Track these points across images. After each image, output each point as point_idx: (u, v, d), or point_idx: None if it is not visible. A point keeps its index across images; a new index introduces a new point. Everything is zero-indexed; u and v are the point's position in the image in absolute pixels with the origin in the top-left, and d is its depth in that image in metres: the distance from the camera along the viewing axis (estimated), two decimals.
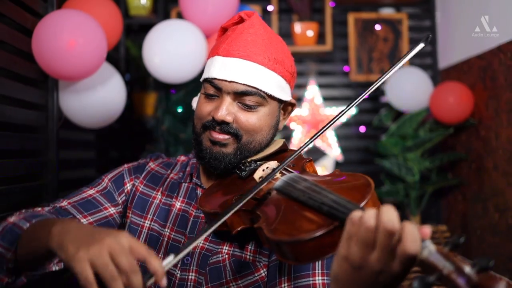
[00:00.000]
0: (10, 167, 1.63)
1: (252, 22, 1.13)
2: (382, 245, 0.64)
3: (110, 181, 1.26)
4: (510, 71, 2.30)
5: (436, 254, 0.61)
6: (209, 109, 1.12)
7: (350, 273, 0.68)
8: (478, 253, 2.59)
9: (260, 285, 1.06)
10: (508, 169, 2.31)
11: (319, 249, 0.75)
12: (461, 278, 0.58)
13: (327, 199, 0.80)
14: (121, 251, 0.76)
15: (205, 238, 1.12)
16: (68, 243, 0.81)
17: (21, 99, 1.70)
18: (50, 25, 1.65)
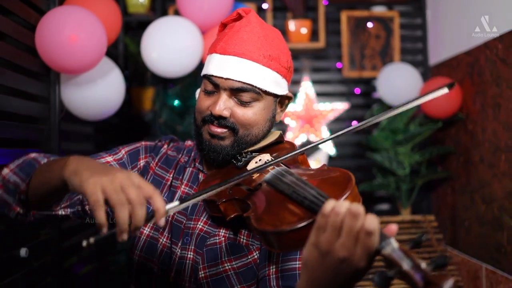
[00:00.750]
0: (14, 157, 1.71)
1: (248, 20, 1.17)
2: (347, 229, 0.70)
3: (126, 153, 1.31)
4: (496, 67, 2.38)
5: (398, 251, 0.67)
6: (208, 104, 1.17)
7: (317, 259, 0.74)
8: (466, 243, 2.68)
9: (253, 266, 1.14)
10: (494, 161, 2.40)
11: (300, 239, 0.81)
12: (418, 274, 0.64)
13: (309, 193, 0.86)
14: (131, 184, 0.83)
15: (205, 221, 1.19)
16: (83, 170, 0.87)
17: (25, 91, 1.78)
18: (52, 20, 1.72)
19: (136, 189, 0.83)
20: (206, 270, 1.14)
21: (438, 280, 0.62)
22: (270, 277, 1.09)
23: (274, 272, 1.09)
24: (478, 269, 2.50)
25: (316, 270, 0.75)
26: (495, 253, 2.37)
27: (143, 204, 0.82)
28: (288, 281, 1.07)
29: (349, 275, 0.73)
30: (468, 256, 2.63)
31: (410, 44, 3.35)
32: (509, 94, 2.26)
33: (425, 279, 0.63)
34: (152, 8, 3.06)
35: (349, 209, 0.71)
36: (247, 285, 1.13)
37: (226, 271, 1.13)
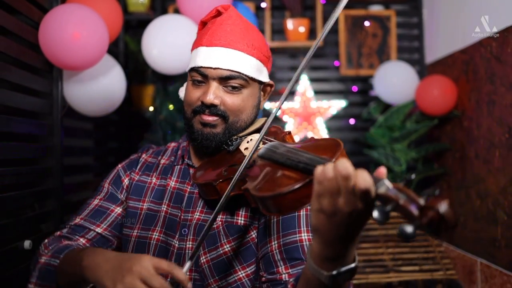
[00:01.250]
0: (18, 150, 1.75)
1: (229, 14, 1.24)
2: (344, 189, 0.75)
3: (109, 184, 1.37)
4: (490, 64, 2.43)
5: (393, 189, 0.72)
6: (198, 95, 1.23)
7: (326, 222, 0.79)
8: (461, 239, 2.72)
9: (252, 245, 1.19)
10: (488, 157, 2.45)
11: (298, 200, 0.87)
12: (413, 205, 0.69)
13: (303, 157, 0.92)
14: (150, 274, 0.91)
15: (200, 211, 1.24)
16: (104, 279, 0.96)
17: (28, 87, 1.82)
18: (56, 18, 1.77)
19: (155, 276, 0.91)
20: (207, 254, 1.19)
21: (433, 204, 0.67)
22: (274, 252, 1.14)
23: (277, 247, 1.14)
24: (473, 264, 2.55)
25: (327, 232, 0.80)
26: (490, 247, 2.41)
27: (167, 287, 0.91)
28: (292, 253, 1.12)
29: (357, 224, 0.78)
30: (464, 251, 2.67)
31: (406, 42, 3.40)
32: (503, 91, 2.31)
33: (419, 207, 0.68)
34: (152, 7, 3.10)
35: (339, 172, 0.75)
36: (247, 265, 1.18)
37: (226, 253, 1.18)
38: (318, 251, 0.84)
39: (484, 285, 2.44)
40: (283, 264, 1.12)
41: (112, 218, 1.31)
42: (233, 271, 1.18)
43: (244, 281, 1.18)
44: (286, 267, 1.12)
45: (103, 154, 2.85)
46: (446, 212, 0.65)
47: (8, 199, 1.67)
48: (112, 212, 1.32)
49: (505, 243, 2.28)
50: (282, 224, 1.16)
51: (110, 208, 1.32)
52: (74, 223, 1.30)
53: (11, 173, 1.71)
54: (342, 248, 0.81)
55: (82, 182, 2.53)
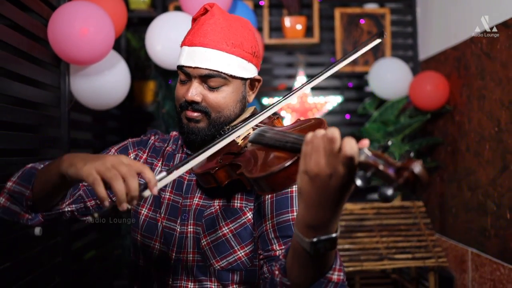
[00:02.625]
0: (26, 140, 1.83)
1: (212, 13, 1.28)
2: (328, 150, 0.81)
3: (116, 151, 1.44)
4: (480, 61, 2.52)
5: (372, 156, 0.77)
6: (183, 92, 1.30)
7: (309, 183, 0.84)
8: (453, 229, 2.82)
9: (248, 226, 1.27)
10: (479, 150, 2.54)
11: (288, 177, 0.94)
12: (390, 168, 0.74)
13: (290, 138, 0.99)
14: (121, 163, 0.95)
15: (199, 197, 1.32)
16: (77, 161, 1.00)
17: (38, 80, 1.90)
18: (64, 14, 1.84)
19: (126, 165, 0.95)
20: (207, 237, 1.27)
21: (407, 165, 0.72)
22: (268, 231, 1.21)
23: (271, 226, 1.21)
24: (465, 253, 2.64)
25: (310, 193, 0.85)
26: (480, 237, 2.51)
27: (134, 176, 0.93)
28: (285, 231, 1.19)
29: (339, 188, 0.82)
30: (455, 242, 2.77)
31: (401, 40, 3.49)
32: (492, 86, 2.40)
33: (396, 169, 0.73)
34: (153, 4, 3.17)
35: (326, 134, 0.82)
36: (245, 244, 1.26)
37: (224, 234, 1.26)
38: (301, 216, 0.89)
39: (474, 273, 2.53)
40: (276, 242, 1.19)
41: None
42: (232, 251, 1.26)
43: (244, 259, 1.26)
44: (279, 244, 1.19)
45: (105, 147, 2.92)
46: (419, 171, 0.70)
47: None
48: None
49: (494, 232, 2.37)
50: (275, 205, 1.23)
51: None
52: None
53: (22, 162, 1.78)
54: (323, 215, 0.86)
55: None
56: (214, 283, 1.28)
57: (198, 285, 1.28)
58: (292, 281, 0.99)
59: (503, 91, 2.30)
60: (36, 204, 1.23)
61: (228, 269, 1.26)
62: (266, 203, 1.25)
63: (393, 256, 2.52)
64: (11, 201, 1.24)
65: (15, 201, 1.24)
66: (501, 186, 2.31)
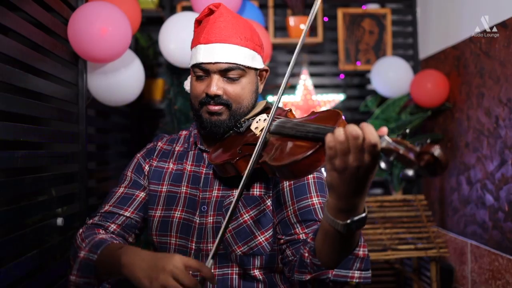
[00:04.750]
0: (48, 134, 1.91)
1: (221, 12, 1.35)
2: (353, 147, 0.88)
3: (132, 173, 1.50)
4: (479, 59, 2.61)
5: (392, 142, 0.85)
6: (202, 88, 1.34)
7: (338, 178, 0.93)
8: (453, 223, 2.91)
9: (268, 212, 1.34)
10: (477, 146, 2.63)
11: (311, 164, 1.02)
12: (410, 153, 0.82)
13: (311, 128, 1.06)
14: (181, 272, 1.03)
15: (218, 188, 1.38)
16: (141, 278, 1.08)
17: (58, 77, 1.97)
18: (85, 14, 1.92)
19: (186, 274, 1.04)
20: (229, 225, 1.33)
21: (427, 149, 0.79)
22: (290, 216, 1.30)
23: (293, 212, 1.30)
24: (464, 246, 2.73)
25: (340, 186, 0.94)
26: (479, 229, 2.60)
27: (197, 284, 1.04)
28: (307, 215, 1.28)
29: (366, 176, 0.91)
30: (455, 234, 2.86)
31: (401, 39, 3.59)
32: (491, 84, 2.49)
33: (415, 154, 0.80)
34: (161, 4, 3.25)
35: (350, 134, 0.88)
36: (265, 230, 1.33)
37: (245, 221, 1.33)
38: (333, 205, 0.98)
39: (474, 264, 2.62)
40: (299, 226, 1.28)
41: (137, 203, 1.45)
42: (253, 237, 1.32)
43: (264, 244, 1.32)
44: (302, 227, 1.28)
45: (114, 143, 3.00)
46: (439, 154, 0.77)
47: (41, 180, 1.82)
48: (137, 197, 1.45)
49: (492, 224, 2.46)
50: (295, 192, 1.32)
51: (135, 193, 1.45)
52: (104, 211, 1.42)
53: (44, 155, 1.86)
54: (354, 200, 0.96)
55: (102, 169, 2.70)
56: (235, 268, 1.34)
57: (219, 271, 1.34)
58: (322, 260, 1.09)
59: (502, 89, 2.39)
60: None
61: (249, 254, 1.32)
62: (285, 190, 1.33)
63: (396, 247, 2.61)
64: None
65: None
66: (499, 180, 2.40)
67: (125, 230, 1.43)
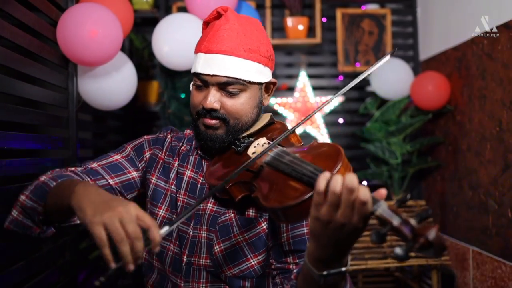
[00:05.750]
0: (35, 141, 1.84)
1: (227, 18, 1.26)
2: (345, 201, 0.82)
3: (132, 149, 1.42)
4: (481, 61, 2.55)
5: (388, 210, 0.79)
6: (200, 99, 1.27)
7: (321, 229, 0.87)
8: (454, 228, 2.85)
9: (263, 235, 1.27)
10: (480, 150, 2.57)
11: (304, 210, 0.93)
12: (406, 227, 0.75)
13: (306, 170, 0.97)
14: (130, 219, 0.91)
15: (213, 203, 1.31)
16: (87, 206, 0.96)
17: (47, 81, 1.91)
18: (74, 16, 1.85)
19: (134, 223, 0.91)
20: (221, 244, 1.27)
21: (423, 231, 0.73)
22: (283, 243, 1.24)
23: (286, 239, 1.24)
24: (466, 252, 2.67)
25: (321, 237, 0.88)
26: (481, 235, 2.54)
27: (140, 238, 0.90)
28: (300, 245, 1.23)
29: (350, 236, 0.86)
30: (456, 240, 2.80)
31: (401, 40, 3.52)
32: (493, 86, 2.43)
33: (412, 231, 0.75)
34: (156, 5, 3.19)
35: (345, 185, 0.82)
36: (258, 253, 1.27)
37: (239, 243, 1.27)
38: (312, 252, 0.93)
39: (475, 271, 2.56)
40: (291, 255, 1.23)
41: (126, 178, 1.36)
42: (245, 259, 1.26)
43: (256, 267, 1.27)
44: (293, 257, 1.23)
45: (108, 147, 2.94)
46: (434, 238, 0.72)
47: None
48: (128, 173, 1.37)
49: (495, 231, 2.40)
50: None
51: (128, 169, 1.37)
52: (90, 166, 1.34)
53: (31, 162, 1.79)
54: (334, 253, 0.89)
55: None
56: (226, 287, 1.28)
57: (210, 286, 1.28)
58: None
59: (505, 91, 2.33)
60: (48, 218, 1.21)
61: (240, 277, 1.26)
62: None
63: None
64: (24, 215, 1.22)
65: (27, 215, 1.22)
66: (502, 186, 2.34)
67: None
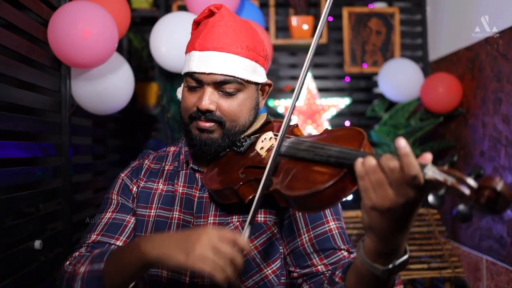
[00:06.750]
0: (27, 148, 1.74)
1: (221, 15, 1.19)
2: (393, 180, 0.76)
3: (118, 195, 1.30)
4: (496, 62, 2.43)
5: (439, 172, 0.72)
6: (194, 101, 1.19)
7: (381, 218, 0.80)
8: (466, 236, 2.73)
9: (274, 241, 1.17)
10: (494, 155, 2.45)
11: (335, 195, 0.87)
12: (463, 185, 0.69)
13: (332, 151, 0.90)
14: (218, 243, 0.89)
15: (214, 215, 1.21)
16: (173, 253, 0.92)
17: (37, 85, 1.80)
18: (66, 15, 1.74)
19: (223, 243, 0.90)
20: None
21: (489, 183, 0.66)
22: (305, 245, 1.14)
23: (308, 240, 1.14)
24: (479, 261, 2.56)
25: (382, 228, 0.81)
26: (496, 244, 2.42)
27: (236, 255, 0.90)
28: (324, 243, 1.13)
29: (411, 213, 0.79)
30: (469, 249, 2.68)
31: (409, 40, 3.40)
32: (509, 88, 2.31)
33: (471, 188, 0.68)
34: (156, 4, 3.08)
35: (385, 166, 0.76)
36: (272, 261, 1.16)
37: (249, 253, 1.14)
38: (372, 248, 0.85)
39: (489, 282, 2.45)
40: (317, 256, 1.12)
41: (129, 229, 1.25)
42: (258, 269, 1.16)
43: (271, 277, 1.16)
44: (320, 258, 1.12)
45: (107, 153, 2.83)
46: (503, 189, 0.65)
47: (16, 200, 1.65)
48: (128, 223, 1.26)
49: (511, 240, 2.28)
50: (309, 217, 1.16)
51: (126, 219, 1.26)
52: (91, 241, 1.21)
53: (23, 171, 1.70)
54: (396, 241, 0.83)
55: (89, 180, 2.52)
56: None
57: None
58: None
59: None
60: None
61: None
62: (298, 216, 1.17)
63: (408, 267, 2.43)
64: None
65: None
66: None
67: None
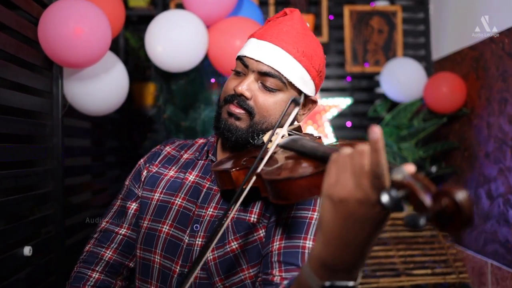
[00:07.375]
0: (17, 152, 1.68)
1: (292, 16, 1.22)
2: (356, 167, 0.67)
3: (130, 180, 1.37)
4: (502, 61, 2.37)
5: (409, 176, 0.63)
6: (234, 84, 1.20)
7: (331, 210, 0.69)
8: (470, 240, 2.67)
9: (258, 244, 1.14)
10: (499, 157, 2.39)
11: (307, 188, 0.82)
12: (427, 194, 0.59)
13: (322, 148, 0.89)
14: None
15: (214, 206, 1.21)
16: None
17: (27, 85, 1.74)
18: (56, 13, 1.69)
19: None
20: (215, 252, 1.15)
21: (449, 190, 0.57)
22: (273, 253, 1.09)
23: (277, 249, 1.09)
24: (484, 265, 2.50)
25: (331, 224, 0.70)
26: (501, 248, 2.36)
27: None
28: (290, 257, 1.06)
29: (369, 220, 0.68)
30: (473, 252, 2.62)
31: (412, 38, 3.33)
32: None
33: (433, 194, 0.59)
34: (153, 2, 3.02)
35: (356, 149, 0.68)
36: (252, 265, 1.14)
37: (233, 250, 1.14)
38: (317, 252, 0.75)
39: (495, 287, 2.39)
40: (277, 267, 1.07)
41: (130, 216, 1.32)
42: (239, 270, 1.14)
43: (247, 282, 1.14)
44: (280, 270, 1.06)
45: (103, 154, 2.77)
46: (463, 200, 0.56)
47: (7, 204, 1.60)
48: (128, 209, 1.32)
49: None
50: (289, 227, 1.11)
51: (126, 205, 1.33)
52: (100, 228, 1.33)
53: (13, 175, 1.64)
54: (345, 254, 0.71)
55: (83, 183, 2.46)
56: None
57: None
58: None
59: None
60: None
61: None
62: (281, 223, 1.13)
63: (411, 272, 2.37)
64: None
65: None
66: None
67: (123, 254, 1.31)
